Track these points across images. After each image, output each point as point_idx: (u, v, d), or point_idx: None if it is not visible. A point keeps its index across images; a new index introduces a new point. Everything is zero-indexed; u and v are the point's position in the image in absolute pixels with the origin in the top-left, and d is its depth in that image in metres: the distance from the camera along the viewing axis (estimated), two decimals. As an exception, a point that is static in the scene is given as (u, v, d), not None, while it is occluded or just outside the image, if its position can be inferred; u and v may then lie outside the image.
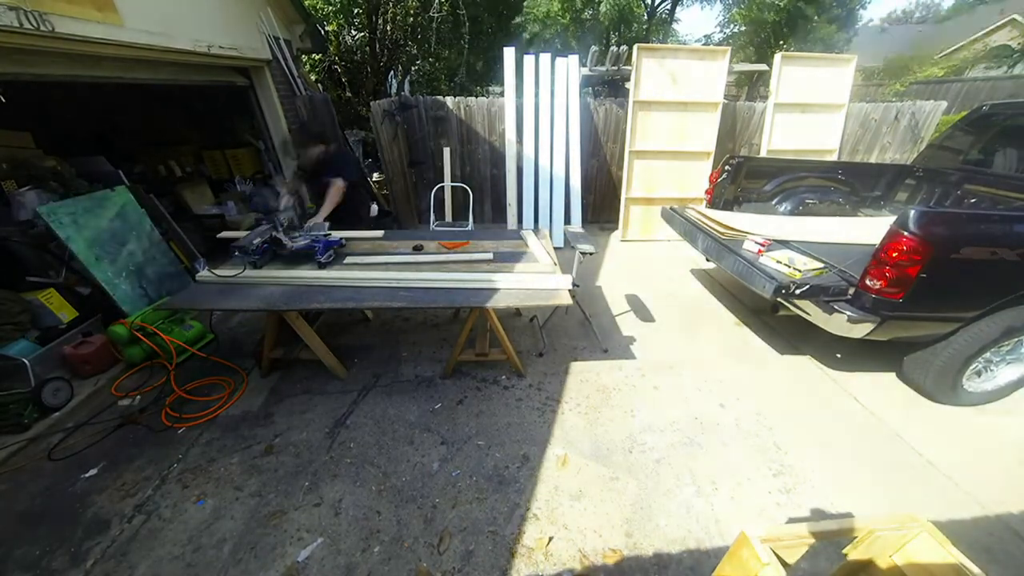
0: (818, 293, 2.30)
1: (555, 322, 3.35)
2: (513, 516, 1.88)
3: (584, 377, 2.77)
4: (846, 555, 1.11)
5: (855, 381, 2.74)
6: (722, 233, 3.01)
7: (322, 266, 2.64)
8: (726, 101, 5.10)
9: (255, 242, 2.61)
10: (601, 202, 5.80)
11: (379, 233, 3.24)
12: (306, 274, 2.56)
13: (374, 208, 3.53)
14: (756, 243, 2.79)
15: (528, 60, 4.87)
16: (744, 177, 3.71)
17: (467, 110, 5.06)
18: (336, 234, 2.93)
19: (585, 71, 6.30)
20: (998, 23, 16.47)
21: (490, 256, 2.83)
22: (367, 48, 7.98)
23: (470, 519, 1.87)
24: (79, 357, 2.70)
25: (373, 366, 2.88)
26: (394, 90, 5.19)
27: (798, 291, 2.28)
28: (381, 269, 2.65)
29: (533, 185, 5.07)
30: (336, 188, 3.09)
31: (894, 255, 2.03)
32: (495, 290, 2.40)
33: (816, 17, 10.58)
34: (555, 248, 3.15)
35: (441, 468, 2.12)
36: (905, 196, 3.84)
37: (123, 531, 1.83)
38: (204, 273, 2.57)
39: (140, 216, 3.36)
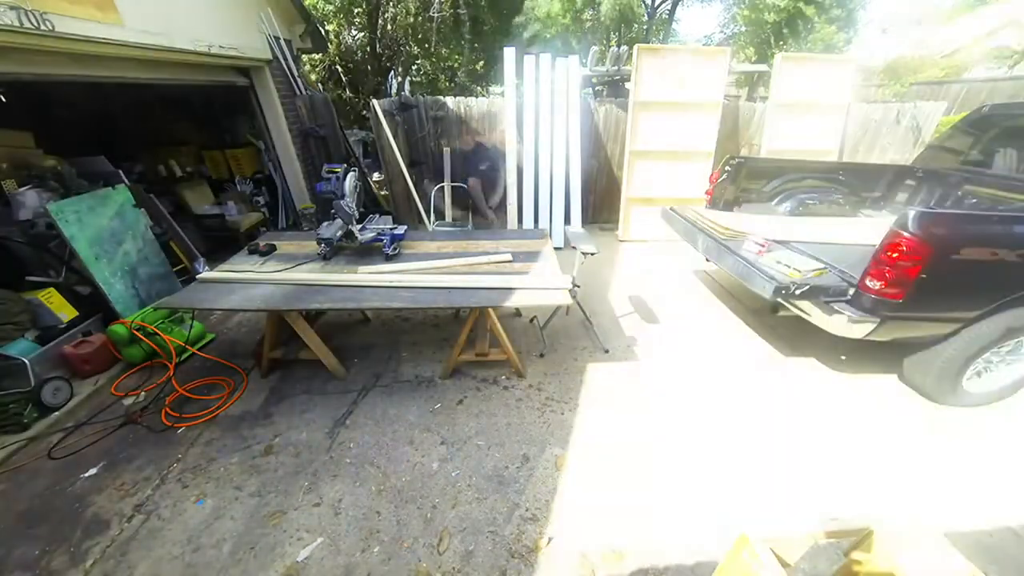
0: (818, 294, 2.30)
1: (556, 323, 3.35)
2: (513, 516, 1.88)
3: (584, 378, 2.77)
4: (846, 556, 1.11)
5: (856, 382, 2.73)
6: (722, 233, 3.01)
7: (389, 258, 2.72)
8: (726, 101, 5.09)
9: (338, 235, 2.68)
10: (601, 202, 5.79)
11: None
12: (307, 276, 2.56)
13: (495, 200, 3.67)
14: (756, 244, 2.79)
15: (528, 60, 4.86)
16: (744, 178, 3.71)
17: (467, 110, 5.06)
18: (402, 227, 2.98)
19: (585, 71, 6.30)
20: (998, 24, 16.47)
21: (490, 257, 2.83)
22: (367, 48, 7.99)
23: (470, 519, 1.87)
24: (79, 357, 2.70)
25: (373, 366, 2.88)
26: (394, 90, 5.18)
27: (798, 291, 2.28)
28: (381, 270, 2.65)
29: (533, 185, 5.06)
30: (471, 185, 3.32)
31: (894, 256, 2.03)
32: (495, 290, 2.40)
33: (816, 18, 10.58)
34: (555, 248, 3.15)
35: (441, 468, 2.12)
36: (905, 197, 3.83)
37: (122, 531, 1.83)
38: (204, 273, 2.58)
39: (136, 215, 3.36)
